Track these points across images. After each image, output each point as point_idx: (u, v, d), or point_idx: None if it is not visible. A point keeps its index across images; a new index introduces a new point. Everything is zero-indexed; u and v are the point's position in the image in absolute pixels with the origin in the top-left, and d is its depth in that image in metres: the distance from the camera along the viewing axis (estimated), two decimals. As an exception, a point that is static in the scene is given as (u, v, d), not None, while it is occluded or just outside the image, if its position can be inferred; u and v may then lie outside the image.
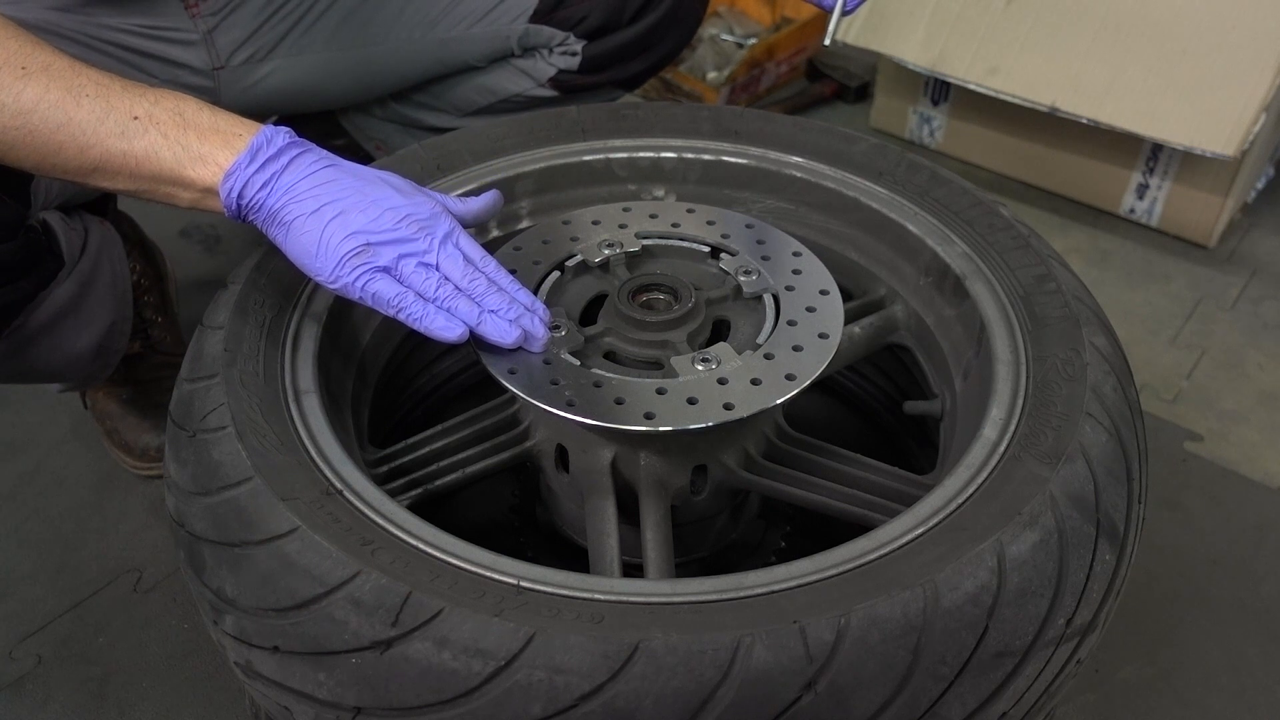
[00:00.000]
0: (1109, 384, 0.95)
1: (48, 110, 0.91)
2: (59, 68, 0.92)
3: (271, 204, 0.93)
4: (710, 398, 0.94)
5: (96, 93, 0.92)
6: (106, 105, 0.91)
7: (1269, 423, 1.66)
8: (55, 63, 0.92)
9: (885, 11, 2.11)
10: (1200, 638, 1.34)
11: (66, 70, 0.92)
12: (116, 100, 0.92)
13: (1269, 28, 1.81)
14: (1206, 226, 1.99)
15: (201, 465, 0.89)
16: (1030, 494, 0.84)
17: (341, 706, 0.77)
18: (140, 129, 0.92)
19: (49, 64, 0.92)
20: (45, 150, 0.92)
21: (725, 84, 2.33)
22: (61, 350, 1.24)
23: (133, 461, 1.52)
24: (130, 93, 0.93)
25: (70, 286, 1.21)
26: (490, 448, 1.07)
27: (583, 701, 0.72)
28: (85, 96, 0.91)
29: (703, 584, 0.80)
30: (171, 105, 0.93)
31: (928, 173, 1.20)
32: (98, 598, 1.38)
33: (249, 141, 0.93)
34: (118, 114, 0.91)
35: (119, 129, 0.91)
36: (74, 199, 1.28)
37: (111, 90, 0.92)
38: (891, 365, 1.32)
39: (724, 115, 1.29)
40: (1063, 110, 1.94)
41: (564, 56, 1.53)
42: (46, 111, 0.91)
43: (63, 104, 0.91)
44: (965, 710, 0.77)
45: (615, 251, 1.09)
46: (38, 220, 1.15)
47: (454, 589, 0.77)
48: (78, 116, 0.91)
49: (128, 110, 0.92)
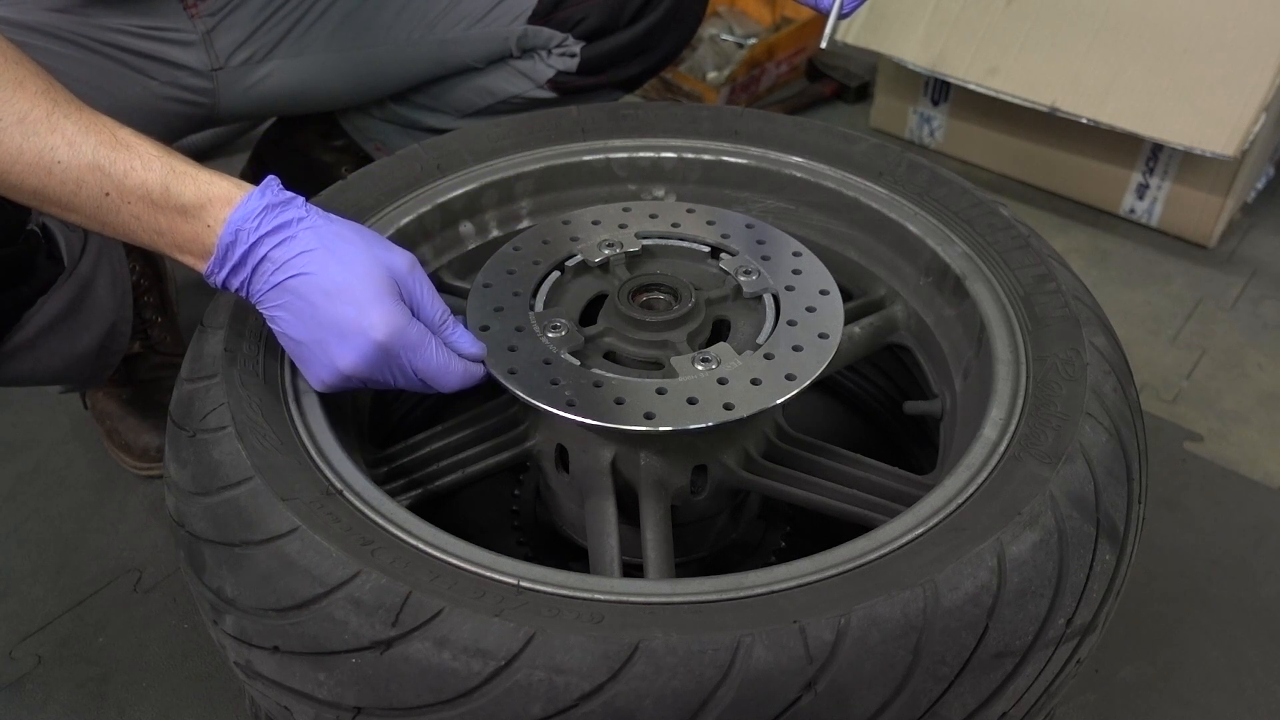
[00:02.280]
0: (1109, 384, 0.95)
1: (23, 174, 0.87)
2: (34, 120, 0.87)
3: (253, 300, 0.93)
4: (710, 398, 0.94)
5: (69, 159, 0.87)
6: (78, 179, 0.88)
7: (1269, 423, 1.66)
8: (32, 112, 0.87)
9: (885, 11, 2.11)
10: (1200, 638, 1.34)
11: (42, 125, 0.87)
12: (87, 174, 0.87)
13: (1269, 28, 1.81)
14: (1206, 226, 1.99)
15: (201, 465, 0.89)
16: (1030, 494, 0.84)
17: (341, 706, 0.77)
18: (113, 207, 0.89)
19: (25, 115, 0.86)
20: (36, 203, 0.90)
21: (725, 84, 2.33)
22: (63, 352, 1.24)
23: (133, 461, 1.52)
24: (102, 160, 0.88)
25: (70, 288, 1.21)
26: (490, 448, 1.07)
27: (583, 701, 0.72)
28: (57, 164, 0.87)
29: (703, 584, 0.80)
30: (138, 182, 0.88)
31: (928, 173, 1.20)
32: (98, 598, 1.38)
33: (219, 241, 0.89)
34: (89, 189, 0.88)
35: (93, 205, 0.89)
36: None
37: (81, 157, 0.87)
38: (891, 365, 1.32)
39: (724, 115, 1.29)
40: (1063, 110, 1.94)
41: (562, 58, 1.53)
42: (22, 175, 0.87)
43: (36, 171, 0.87)
44: (965, 710, 0.77)
45: (615, 251, 1.09)
46: (37, 224, 1.15)
47: (454, 589, 0.77)
48: (51, 185, 0.88)
49: (99, 186, 0.88)
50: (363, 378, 0.92)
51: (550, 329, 1.00)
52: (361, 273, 0.90)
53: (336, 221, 0.92)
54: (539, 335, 1.00)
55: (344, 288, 0.89)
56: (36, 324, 1.17)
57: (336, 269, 0.89)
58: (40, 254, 1.15)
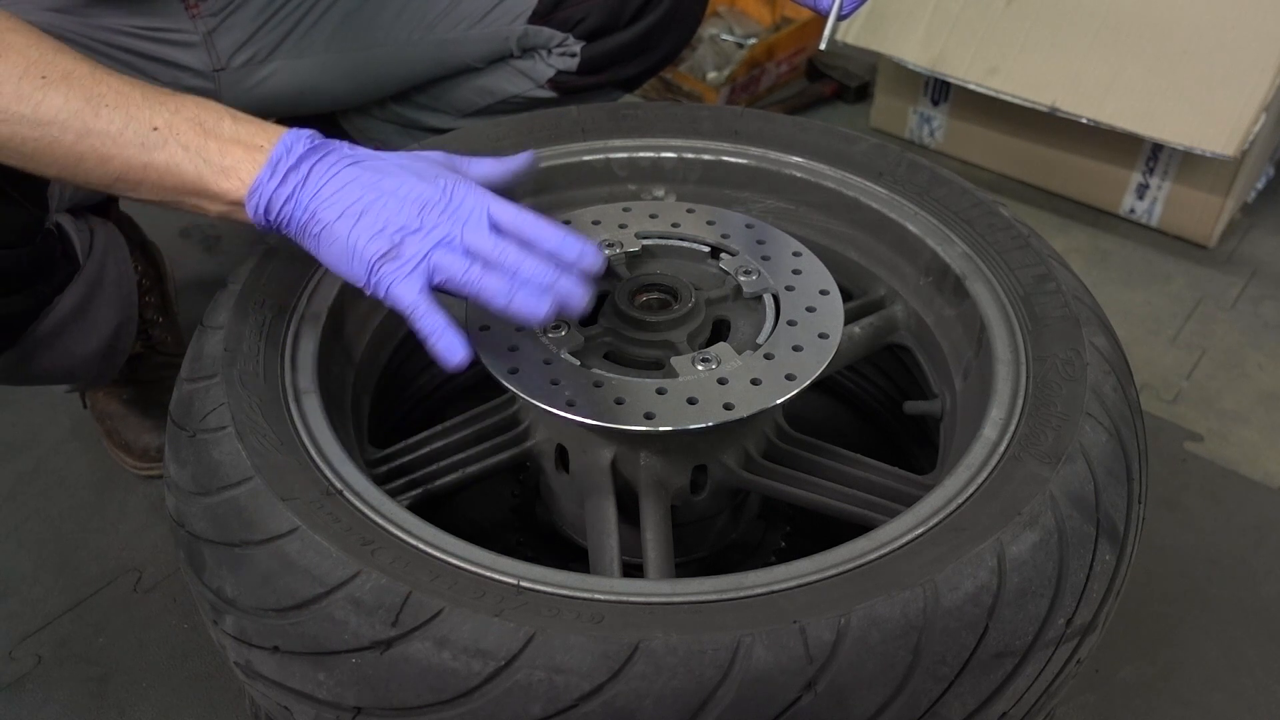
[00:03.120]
0: (1109, 384, 0.95)
1: (68, 120, 0.88)
2: (79, 75, 0.90)
3: (298, 217, 0.90)
4: (710, 398, 0.94)
5: (117, 102, 0.89)
6: (126, 115, 0.89)
7: (1269, 423, 1.66)
8: (76, 69, 0.90)
9: (885, 11, 2.11)
10: (1200, 638, 1.34)
11: (87, 78, 0.90)
12: (136, 110, 0.90)
13: (1269, 28, 1.81)
14: (1206, 226, 1.99)
15: (201, 465, 0.89)
16: (1030, 494, 0.84)
17: (341, 706, 0.77)
18: (160, 140, 0.89)
19: (69, 71, 0.90)
20: (66, 161, 0.90)
21: (725, 84, 2.33)
22: (71, 353, 1.24)
23: (133, 461, 1.52)
24: (151, 101, 0.91)
25: (80, 288, 1.21)
26: (490, 448, 1.07)
27: (583, 701, 0.72)
28: (105, 106, 0.89)
29: (703, 584, 0.80)
30: (192, 114, 0.91)
31: (928, 173, 1.20)
32: (98, 598, 1.38)
33: (270, 154, 0.90)
34: (137, 124, 0.89)
35: (139, 140, 0.89)
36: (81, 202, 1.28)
37: (132, 99, 0.90)
38: (891, 365, 1.32)
39: (724, 115, 1.29)
40: (1063, 110, 1.94)
41: (563, 57, 1.53)
42: (67, 121, 0.88)
43: (82, 114, 0.88)
44: (965, 710, 0.77)
45: (615, 251, 1.09)
46: (53, 224, 1.15)
47: (454, 589, 0.77)
48: (97, 127, 0.89)
49: (148, 121, 0.89)
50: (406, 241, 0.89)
51: (550, 329, 1.00)
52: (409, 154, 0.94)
53: None
54: (539, 335, 1.00)
55: (404, 162, 0.92)
56: (50, 323, 1.17)
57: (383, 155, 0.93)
58: (57, 253, 1.15)
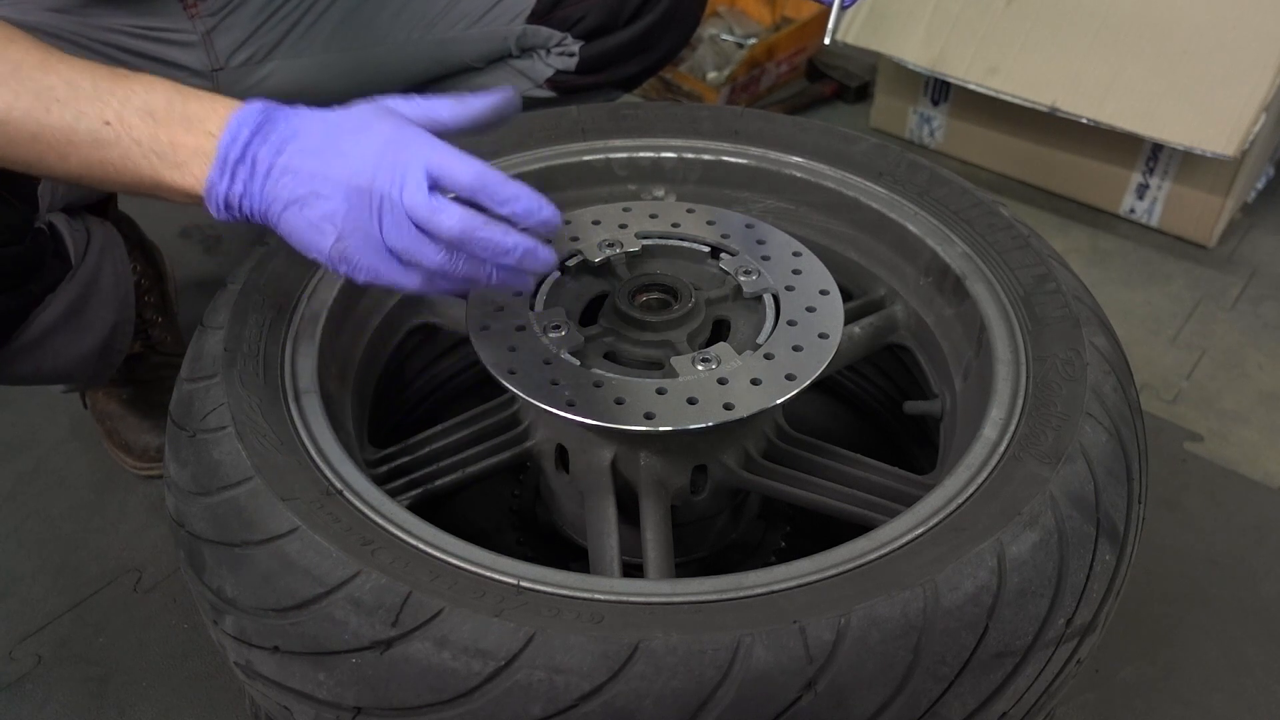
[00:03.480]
0: (1109, 384, 0.95)
1: (21, 119, 0.86)
2: (29, 67, 0.87)
3: (257, 210, 0.88)
4: (710, 398, 0.94)
5: (67, 96, 0.87)
6: (77, 112, 0.87)
7: (1269, 423, 1.66)
8: (26, 59, 0.87)
9: (885, 11, 2.10)
10: (1200, 638, 1.34)
11: (36, 69, 0.87)
12: (86, 104, 0.87)
13: (1269, 28, 1.81)
14: (1206, 226, 1.99)
15: (201, 465, 0.89)
16: (1030, 494, 0.84)
17: (341, 706, 0.77)
18: (113, 136, 0.87)
19: (19, 63, 0.87)
20: (30, 157, 0.89)
21: (725, 84, 2.33)
22: (67, 352, 1.24)
23: (133, 461, 1.52)
24: (101, 91, 0.87)
25: (74, 289, 1.21)
26: (490, 448, 1.07)
27: (583, 701, 0.72)
28: (55, 102, 0.86)
29: (703, 584, 0.80)
30: (141, 101, 0.87)
31: (928, 173, 1.20)
32: (98, 598, 1.38)
33: (219, 143, 0.87)
34: (88, 120, 0.87)
35: (91, 138, 0.87)
36: (77, 201, 1.28)
37: (81, 91, 0.87)
38: (891, 365, 1.32)
39: (724, 115, 1.29)
40: (1063, 110, 1.94)
41: (561, 57, 1.53)
42: (19, 121, 0.86)
43: (33, 113, 0.86)
44: (965, 710, 0.77)
45: (615, 251, 1.09)
46: (44, 223, 1.15)
47: (454, 589, 0.77)
48: (49, 124, 0.87)
49: (98, 115, 0.87)
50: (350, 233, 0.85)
51: (551, 329, 1.00)
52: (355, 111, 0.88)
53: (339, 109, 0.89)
54: (539, 335, 1.00)
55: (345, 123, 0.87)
56: (43, 323, 1.17)
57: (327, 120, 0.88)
58: (48, 252, 1.15)
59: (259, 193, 0.88)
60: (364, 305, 1.14)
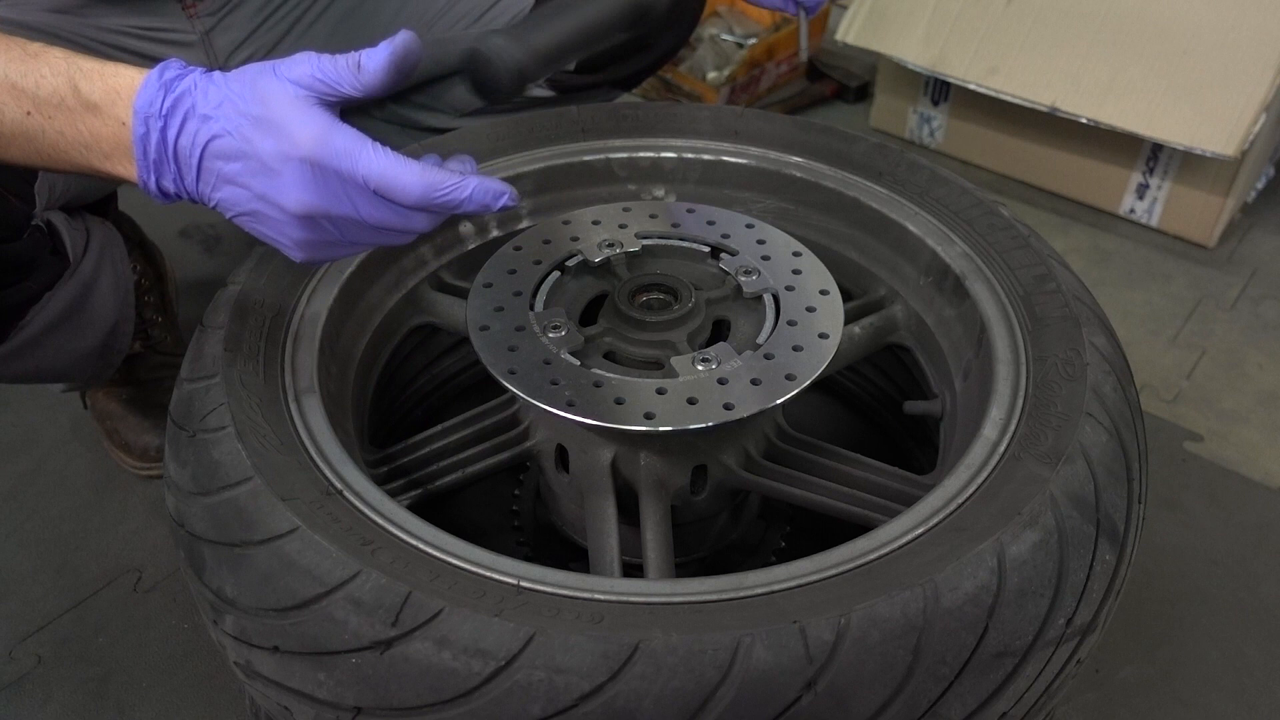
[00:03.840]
0: (1109, 384, 0.95)
1: None
2: None
3: (193, 196, 0.86)
4: (710, 398, 0.94)
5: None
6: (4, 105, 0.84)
7: (1269, 423, 1.66)
8: None
9: (885, 11, 2.11)
10: (1200, 638, 1.34)
11: None
12: (6, 96, 0.83)
13: (1269, 28, 1.81)
14: (1206, 226, 1.99)
15: (201, 465, 0.89)
16: (1030, 494, 0.84)
17: (341, 706, 0.77)
18: (37, 127, 0.84)
19: None
20: None
21: (725, 84, 2.33)
22: (66, 351, 1.24)
23: (133, 461, 1.52)
24: (14, 78, 0.83)
25: (73, 287, 1.21)
26: (490, 448, 1.07)
27: (583, 701, 0.72)
28: None
29: (703, 584, 0.80)
30: (50, 89, 0.83)
31: (928, 173, 1.20)
32: (98, 598, 1.38)
33: (134, 137, 0.83)
34: (11, 111, 0.83)
35: (21, 130, 0.84)
36: (76, 199, 1.28)
37: (3, 85, 0.83)
38: (891, 365, 1.32)
39: (724, 115, 1.29)
40: (1063, 110, 1.94)
41: (563, 57, 1.53)
42: None
43: None
44: (965, 710, 0.77)
45: (615, 251, 1.09)
46: (42, 220, 1.15)
47: (454, 589, 0.77)
48: None
49: (18, 107, 0.84)
50: (325, 215, 0.83)
51: (550, 329, 1.00)
52: (267, 98, 0.82)
53: (237, 70, 0.84)
54: (539, 335, 1.00)
55: (258, 122, 0.82)
56: (41, 321, 1.17)
57: (246, 111, 0.82)
58: (45, 250, 1.15)
59: (198, 194, 0.85)
60: (364, 305, 1.14)
